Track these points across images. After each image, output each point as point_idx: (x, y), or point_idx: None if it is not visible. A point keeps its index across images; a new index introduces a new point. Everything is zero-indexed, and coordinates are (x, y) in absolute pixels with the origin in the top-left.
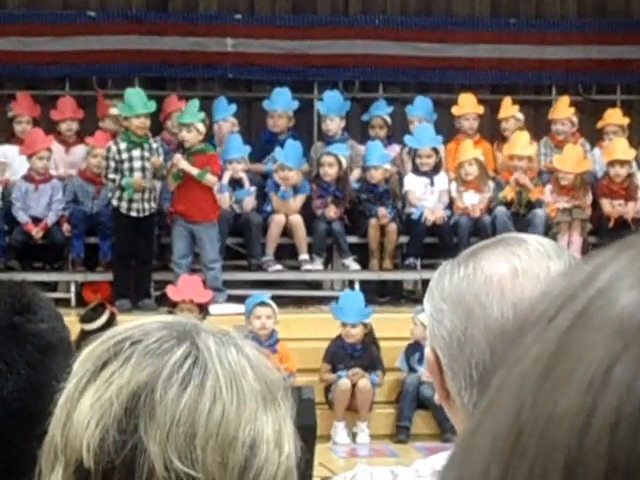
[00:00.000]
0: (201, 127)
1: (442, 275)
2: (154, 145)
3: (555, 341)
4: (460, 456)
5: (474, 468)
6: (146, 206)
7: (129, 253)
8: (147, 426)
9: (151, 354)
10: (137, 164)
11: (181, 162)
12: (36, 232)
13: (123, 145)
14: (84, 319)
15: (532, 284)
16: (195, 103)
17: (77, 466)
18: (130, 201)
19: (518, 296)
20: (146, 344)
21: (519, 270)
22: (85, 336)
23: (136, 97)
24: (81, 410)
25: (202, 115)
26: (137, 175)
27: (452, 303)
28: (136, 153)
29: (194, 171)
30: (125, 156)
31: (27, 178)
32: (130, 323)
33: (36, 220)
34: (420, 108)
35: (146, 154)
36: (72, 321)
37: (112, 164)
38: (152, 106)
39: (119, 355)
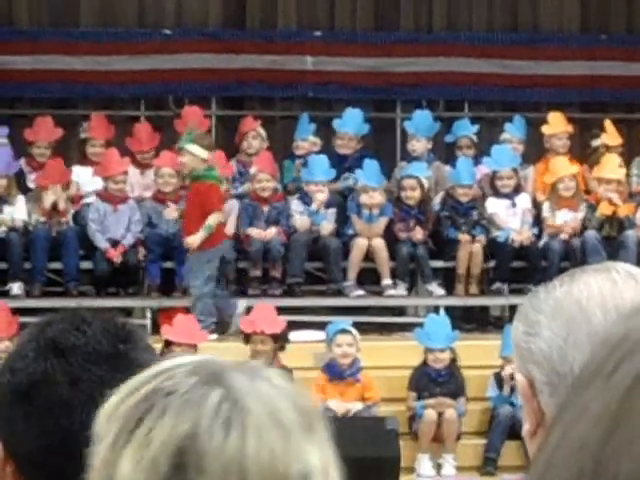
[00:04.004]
0: None
1: (535, 294)
2: None
3: (615, 402)
4: None
5: None
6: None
7: None
8: (198, 479)
9: (187, 404)
10: None
11: None
12: (116, 257)
13: None
14: None
15: (632, 291)
16: None
17: None
18: None
19: (618, 300)
20: (179, 394)
21: (618, 279)
22: None
23: None
24: (123, 475)
25: None
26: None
27: (550, 313)
28: None
29: None
30: None
31: (103, 197)
32: (151, 370)
33: (112, 243)
34: (520, 129)
35: None
36: None
37: None
38: None
39: (152, 410)
